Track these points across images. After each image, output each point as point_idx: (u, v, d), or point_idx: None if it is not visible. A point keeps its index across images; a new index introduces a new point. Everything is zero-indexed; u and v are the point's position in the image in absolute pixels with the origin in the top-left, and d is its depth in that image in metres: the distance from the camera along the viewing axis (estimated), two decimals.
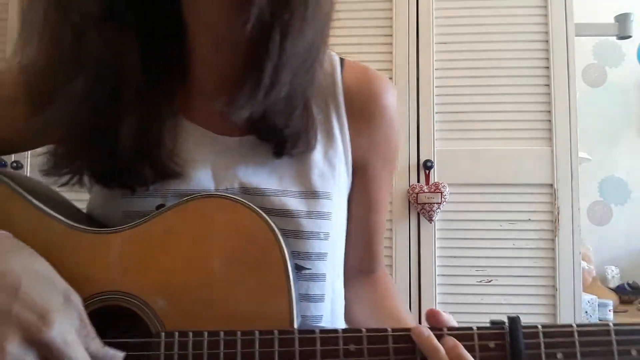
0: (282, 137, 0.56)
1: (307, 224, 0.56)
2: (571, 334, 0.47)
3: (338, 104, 0.61)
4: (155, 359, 0.47)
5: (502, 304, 1.56)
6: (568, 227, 1.56)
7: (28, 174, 1.67)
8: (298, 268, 0.56)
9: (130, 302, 0.49)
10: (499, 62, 1.62)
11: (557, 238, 1.56)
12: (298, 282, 0.55)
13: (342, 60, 0.64)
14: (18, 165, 1.66)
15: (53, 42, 0.51)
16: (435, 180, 1.59)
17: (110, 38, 0.50)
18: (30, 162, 1.68)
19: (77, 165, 0.54)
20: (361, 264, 0.69)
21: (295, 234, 0.56)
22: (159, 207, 0.54)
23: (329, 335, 0.47)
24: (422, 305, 1.57)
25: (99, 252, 0.51)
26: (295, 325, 0.49)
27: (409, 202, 1.59)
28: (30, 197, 0.52)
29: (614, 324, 0.48)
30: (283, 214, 0.56)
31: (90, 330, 0.45)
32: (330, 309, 0.61)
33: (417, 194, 1.57)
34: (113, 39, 0.51)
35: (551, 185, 1.57)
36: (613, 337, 0.48)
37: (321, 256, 0.58)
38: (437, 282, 1.58)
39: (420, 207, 1.57)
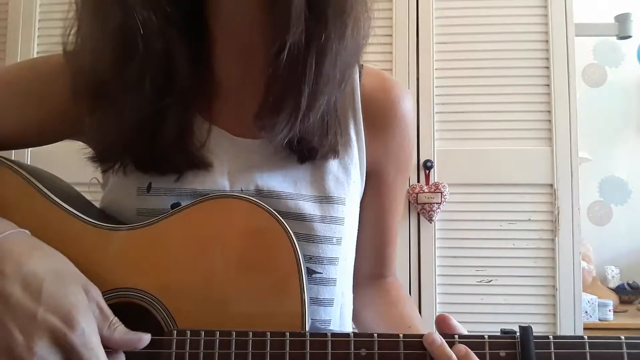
0: (315, 152, 0.57)
1: (321, 229, 0.57)
2: (582, 345, 0.47)
3: (355, 110, 0.61)
4: (166, 357, 0.47)
5: (502, 304, 1.56)
6: (568, 227, 1.56)
7: None
8: (309, 272, 0.56)
9: (144, 300, 0.50)
10: (499, 62, 1.62)
11: (557, 238, 1.56)
12: (309, 286, 0.56)
13: (360, 65, 0.64)
14: None
15: (116, 38, 0.51)
16: (435, 180, 1.59)
17: (169, 33, 0.51)
18: (31, 161, 1.68)
19: (125, 154, 0.55)
20: (372, 269, 0.69)
21: (308, 238, 0.56)
22: (174, 205, 0.54)
23: (341, 339, 0.47)
24: (422, 306, 1.57)
25: (113, 249, 0.51)
26: (307, 328, 0.49)
27: (409, 202, 1.59)
28: (45, 190, 0.52)
29: (626, 338, 0.48)
30: (297, 217, 0.56)
31: (113, 319, 0.46)
32: (339, 314, 0.61)
33: (417, 194, 1.57)
34: (171, 34, 0.51)
35: (551, 185, 1.57)
36: (625, 350, 0.47)
37: (333, 261, 0.58)
38: (437, 282, 1.58)
39: (420, 207, 1.57)
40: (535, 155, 1.58)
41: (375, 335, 0.47)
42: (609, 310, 1.87)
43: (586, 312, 1.81)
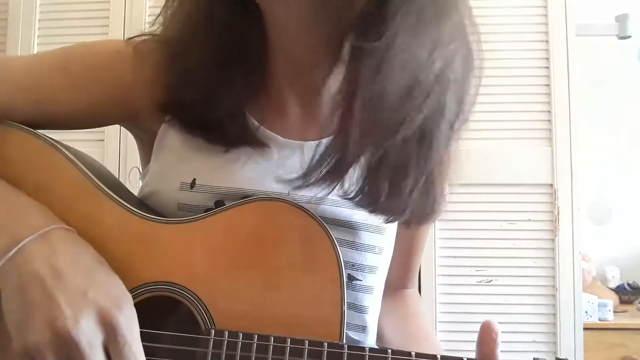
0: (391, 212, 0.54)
1: (366, 237, 0.57)
2: None
3: None
4: (201, 356, 0.47)
5: (502, 304, 1.56)
6: (568, 227, 1.56)
7: None
8: (350, 278, 0.57)
9: (184, 296, 0.50)
10: (499, 62, 1.61)
11: (557, 238, 1.56)
12: (348, 292, 0.55)
13: None
14: None
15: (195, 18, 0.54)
16: None
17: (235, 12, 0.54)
18: None
19: (184, 110, 0.56)
20: (398, 280, 0.70)
21: (353, 245, 0.56)
22: (217, 203, 0.54)
23: (378, 355, 0.46)
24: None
25: (156, 241, 0.51)
26: (343, 340, 0.48)
27: None
28: (92, 176, 0.52)
29: None
30: (343, 224, 0.56)
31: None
32: (374, 322, 0.61)
33: None
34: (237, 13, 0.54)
35: (551, 185, 1.57)
36: None
37: (373, 270, 0.58)
38: (437, 282, 1.58)
39: None
40: (535, 155, 1.58)
41: (413, 354, 0.46)
42: (609, 311, 1.87)
43: (586, 312, 1.81)
